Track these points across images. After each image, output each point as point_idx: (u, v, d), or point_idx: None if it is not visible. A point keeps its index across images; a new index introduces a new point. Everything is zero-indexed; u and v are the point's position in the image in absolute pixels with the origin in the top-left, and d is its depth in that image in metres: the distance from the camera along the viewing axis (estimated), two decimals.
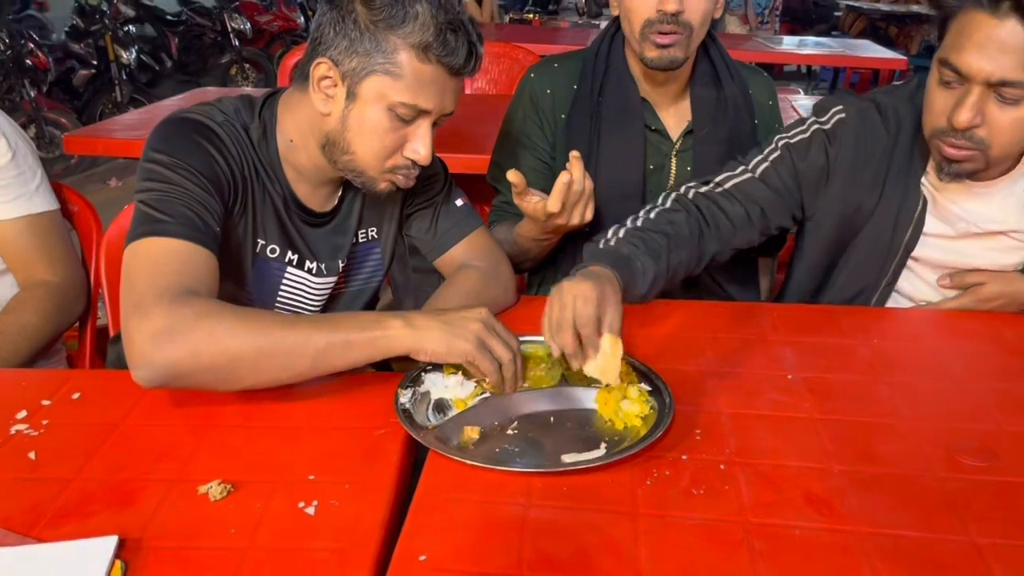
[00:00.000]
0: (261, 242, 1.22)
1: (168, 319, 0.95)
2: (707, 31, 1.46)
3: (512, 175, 1.30)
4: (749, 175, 1.40)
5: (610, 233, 1.28)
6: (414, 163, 1.17)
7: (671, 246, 1.27)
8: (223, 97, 1.22)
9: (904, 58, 4.60)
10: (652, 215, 1.32)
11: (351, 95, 1.12)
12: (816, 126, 1.41)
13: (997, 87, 1.16)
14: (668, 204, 1.36)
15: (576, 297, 1.02)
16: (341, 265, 1.32)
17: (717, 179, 1.41)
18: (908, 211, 1.36)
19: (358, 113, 1.12)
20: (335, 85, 1.12)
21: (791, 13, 8.41)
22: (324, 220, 1.28)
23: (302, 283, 1.28)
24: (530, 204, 1.33)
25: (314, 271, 1.29)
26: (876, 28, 8.34)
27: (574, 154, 1.29)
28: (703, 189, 1.39)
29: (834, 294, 1.47)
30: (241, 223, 1.19)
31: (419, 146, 1.15)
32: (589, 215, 1.35)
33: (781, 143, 1.41)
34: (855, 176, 1.38)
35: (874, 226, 1.39)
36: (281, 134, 1.20)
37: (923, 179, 1.37)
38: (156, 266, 1.01)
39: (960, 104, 1.18)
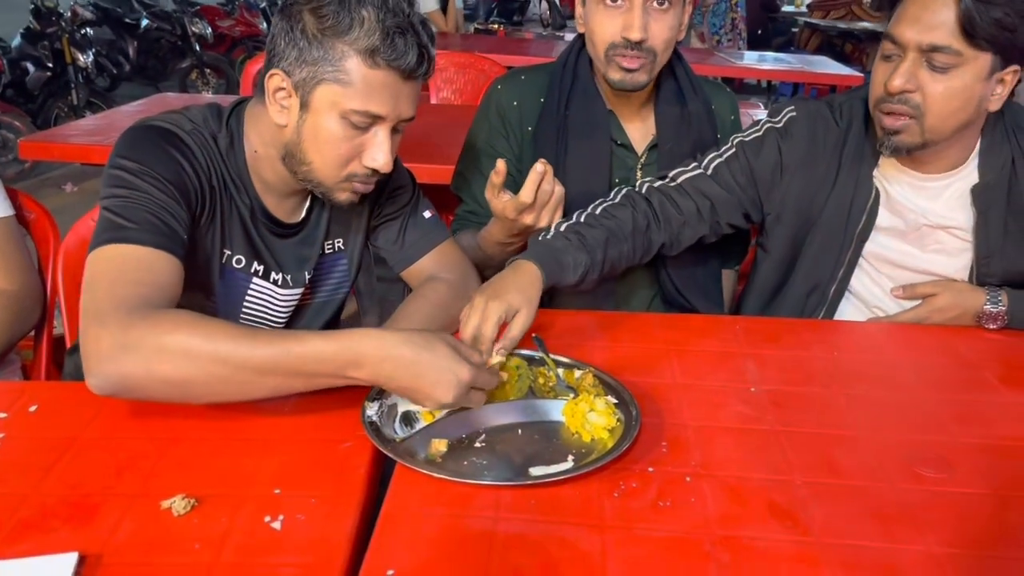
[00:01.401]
0: (227, 252, 1.21)
1: (122, 332, 0.92)
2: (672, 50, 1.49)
3: (500, 163, 1.32)
4: (701, 171, 1.48)
5: (553, 226, 1.35)
6: (374, 171, 1.16)
7: (609, 240, 1.36)
8: (191, 105, 1.20)
9: (861, 75, 4.70)
10: (597, 211, 1.40)
11: (304, 105, 1.10)
12: (769, 125, 1.49)
13: (928, 53, 1.24)
14: (617, 200, 1.43)
15: (488, 308, 1.13)
16: (308, 276, 1.31)
17: (671, 174, 1.49)
18: (860, 202, 1.43)
19: (312, 123, 1.11)
20: (289, 96, 1.11)
21: (750, 36, 8.52)
22: (292, 231, 1.27)
23: (268, 294, 1.27)
24: (501, 201, 1.34)
25: (280, 282, 1.27)
26: (832, 44, 8.53)
27: (542, 161, 1.31)
28: (657, 184, 1.48)
29: (794, 289, 1.51)
30: (208, 233, 1.18)
31: (377, 154, 1.13)
32: (557, 219, 1.37)
33: (736, 142, 1.49)
34: (808, 169, 1.45)
35: (829, 217, 1.45)
36: (248, 144, 1.19)
37: (875, 171, 1.43)
38: (117, 274, 0.99)
39: (895, 70, 1.27)
